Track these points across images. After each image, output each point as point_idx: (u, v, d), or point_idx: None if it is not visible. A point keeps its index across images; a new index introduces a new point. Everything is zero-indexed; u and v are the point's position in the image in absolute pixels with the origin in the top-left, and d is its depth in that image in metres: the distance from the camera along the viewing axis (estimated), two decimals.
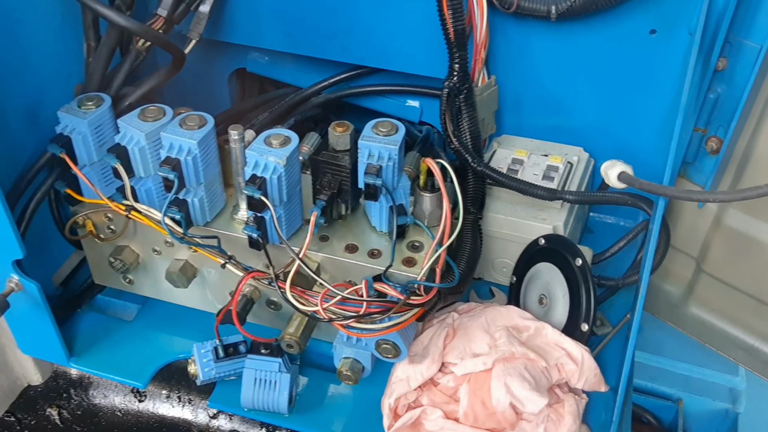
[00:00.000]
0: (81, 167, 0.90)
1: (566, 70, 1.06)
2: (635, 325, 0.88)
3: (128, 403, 1.18)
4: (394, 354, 0.88)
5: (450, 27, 0.96)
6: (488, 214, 1.02)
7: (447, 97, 0.99)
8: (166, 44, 0.91)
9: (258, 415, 0.96)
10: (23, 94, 0.93)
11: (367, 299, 0.82)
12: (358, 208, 0.96)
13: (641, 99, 1.05)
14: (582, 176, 1.08)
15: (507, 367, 0.86)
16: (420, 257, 0.89)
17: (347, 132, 0.88)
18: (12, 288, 0.91)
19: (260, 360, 0.93)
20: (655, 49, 1.00)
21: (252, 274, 0.88)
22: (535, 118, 1.12)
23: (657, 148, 1.07)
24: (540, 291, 1.00)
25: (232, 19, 1.12)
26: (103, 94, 0.91)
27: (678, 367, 1.18)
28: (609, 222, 1.22)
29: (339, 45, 1.12)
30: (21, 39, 0.91)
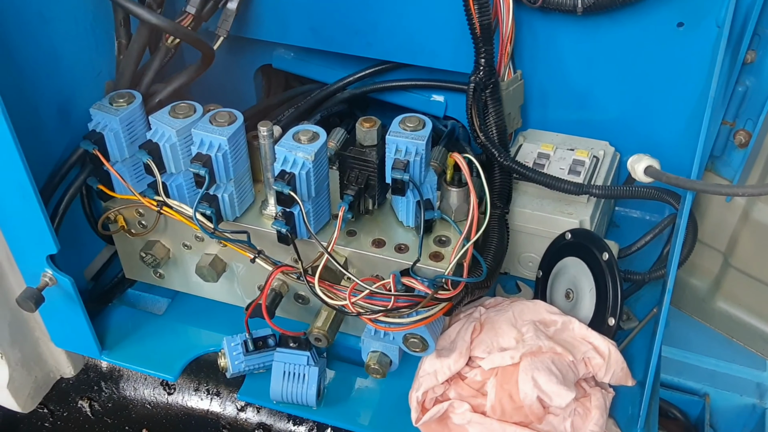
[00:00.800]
0: (113, 163, 0.92)
1: (592, 64, 1.06)
2: (663, 320, 0.88)
3: (158, 396, 1.19)
4: (422, 348, 0.88)
5: (476, 21, 0.96)
6: (514, 209, 1.02)
7: (473, 91, 0.99)
8: (196, 41, 0.92)
9: (286, 407, 0.97)
10: (56, 92, 0.95)
11: (395, 293, 0.83)
12: (385, 203, 0.97)
13: (668, 93, 1.04)
14: (608, 170, 1.07)
15: (534, 361, 0.87)
16: (447, 252, 0.90)
17: (374, 127, 0.89)
18: (46, 282, 0.93)
19: (289, 353, 0.94)
20: (682, 43, 0.99)
21: (281, 269, 0.89)
22: (560, 113, 1.12)
23: (684, 142, 1.06)
24: (567, 285, 1.00)
25: (258, 15, 1.13)
26: (134, 91, 0.93)
27: (705, 362, 1.17)
28: (634, 216, 1.22)
29: (364, 40, 1.12)
30: (53, 37, 0.93)
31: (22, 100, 0.88)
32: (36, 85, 0.91)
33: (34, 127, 0.91)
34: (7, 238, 0.92)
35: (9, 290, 1.00)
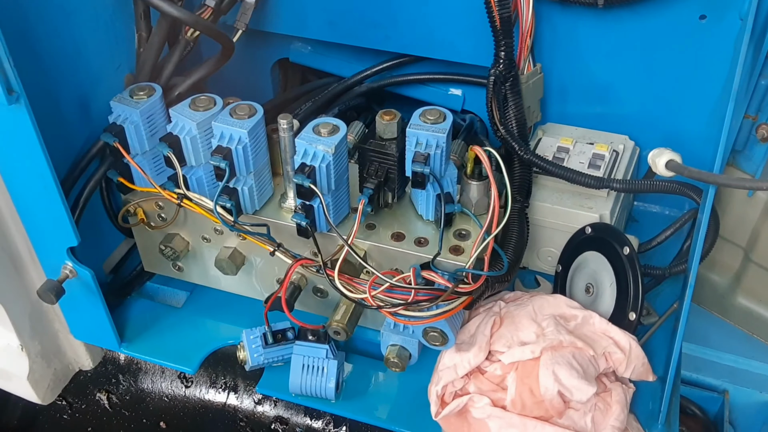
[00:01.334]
0: (133, 156, 0.92)
1: (613, 58, 1.05)
2: (684, 315, 0.87)
3: (175, 389, 1.20)
4: (442, 342, 0.88)
5: (496, 14, 0.95)
6: (534, 203, 1.02)
7: (493, 84, 0.99)
8: (216, 34, 0.92)
9: (305, 400, 0.97)
10: (76, 84, 0.95)
11: (416, 287, 0.83)
12: (404, 196, 0.97)
13: (690, 86, 1.03)
14: (628, 165, 1.07)
15: (555, 356, 0.86)
16: (467, 245, 0.89)
17: (394, 120, 0.88)
18: (66, 275, 0.93)
19: (308, 346, 0.94)
20: (704, 35, 0.98)
21: (300, 262, 0.89)
22: (580, 106, 1.11)
23: (705, 136, 1.05)
24: (587, 280, 0.99)
25: (276, 9, 1.13)
26: (155, 84, 0.93)
27: (724, 358, 1.16)
28: (654, 211, 1.21)
29: (382, 34, 1.12)
30: (74, 30, 0.93)
31: (44, 92, 0.88)
32: (57, 77, 0.91)
33: (56, 119, 0.92)
34: (28, 230, 0.93)
35: (30, 283, 1.01)
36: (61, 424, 1.24)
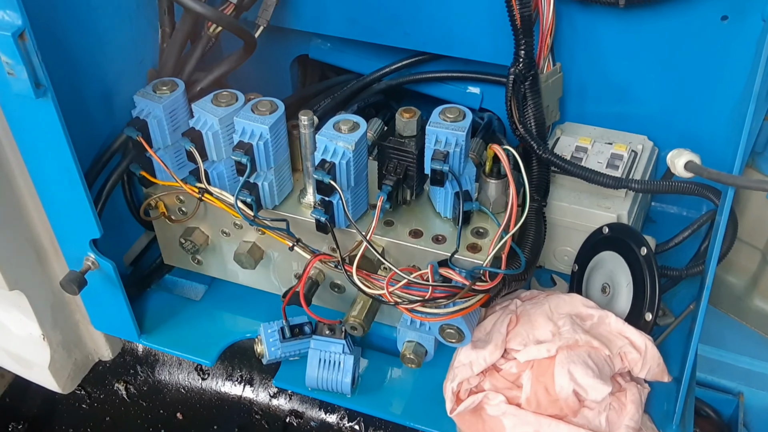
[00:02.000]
0: (155, 150, 0.93)
1: (633, 58, 1.05)
2: (700, 317, 0.87)
3: (192, 381, 1.22)
4: (458, 339, 0.89)
5: (517, 13, 0.95)
6: (552, 202, 1.02)
7: (513, 83, 0.99)
8: (239, 30, 0.93)
9: (321, 394, 0.98)
10: (100, 79, 0.96)
11: (433, 284, 0.83)
12: (423, 194, 0.97)
13: (710, 87, 1.03)
14: (646, 165, 1.07)
15: (571, 355, 0.87)
16: (484, 243, 0.90)
17: (414, 118, 0.89)
18: (89, 266, 0.95)
19: (325, 341, 0.95)
20: (726, 36, 0.98)
21: (319, 257, 0.89)
22: (599, 106, 1.11)
23: (725, 137, 1.05)
24: (603, 279, 0.99)
25: (297, 6, 1.13)
26: (177, 79, 0.94)
27: (739, 360, 1.16)
28: (671, 212, 1.21)
29: (402, 31, 1.12)
30: (99, 26, 0.94)
31: (70, 86, 0.89)
32: (82, 72, 0.92)
33: (80, 113, 0.93)
34: (52, 222, 0.94)
35: (52, 274, 1.02)
36: (79, 413, 1.27)
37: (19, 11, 0.72)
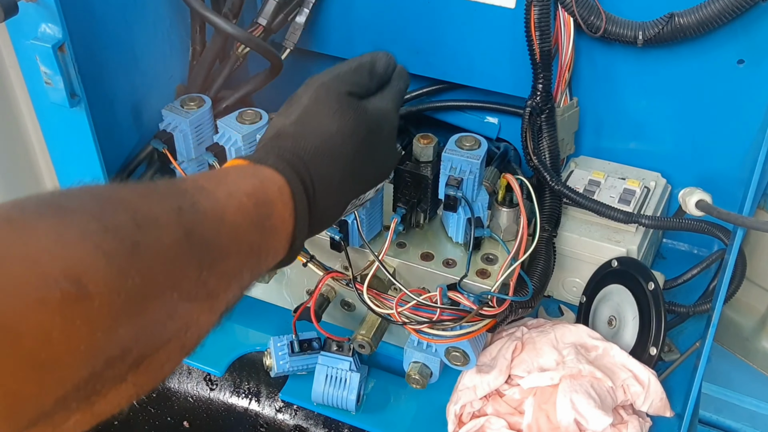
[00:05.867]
0: (180, 162, 0.96)
1: (649, 96, 1.07)
2: (705, 354, 0.88)
3: (200, 391, 1.23)
4: (463, 362, 0.90)
5: (536, 48, 0.98)
6: (562, 233, 1.04)
7: (529, 116, 1.02)
8: (267, 52, 0.97)
9: (326, 410, 1.00)
10: (131, 92, 1.00)
11: (441, 306, 0.85)
12: (435, 218, 0.99)
13: (725, 128, 1.05)
14: (658, 202, 1.08)
15: (573, 384, 0.88)
16: (493, 270, 0.92)
17: (431, 144, 0.92)
18: None
19: (333, 357, 0.97)
20: (742, 80, 1.00)
21: (331, 274, 0.92)
22: (614, 141, 1.13)
23: (738, 178, 1.06)
24: (610, 312, 1.00)
25: (324, 31, 1.17)
26: (205, 96, 0.97)
27: (745, 401, 1.16)
28: (682, 249, 1.22)
29: (424, 60, 1.15)
30: (133, 41, 0.98)
31: (102, 97, 0.93)
32: (115, 84, 0.96)
33: (110, 123, 0.97)
34: None
35: None
36: None
37: (61, 25, 0.76)
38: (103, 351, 0.39)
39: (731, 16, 0.91)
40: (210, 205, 0.50)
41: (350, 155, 0.67)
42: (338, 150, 0.66)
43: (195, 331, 0.49)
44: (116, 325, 0.40)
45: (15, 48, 0.82)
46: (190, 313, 0.47)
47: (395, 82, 0.78)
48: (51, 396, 0.37)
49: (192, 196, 0.49)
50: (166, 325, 0.44)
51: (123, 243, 0.41)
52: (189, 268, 0.46)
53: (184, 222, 0.47)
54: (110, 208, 0.43)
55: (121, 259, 0.40)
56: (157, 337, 0.44)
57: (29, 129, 0.97)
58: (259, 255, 0.56)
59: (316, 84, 0.71)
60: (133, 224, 0.43)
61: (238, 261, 0.52)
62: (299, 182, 0.60)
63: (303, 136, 0.64)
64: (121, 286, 0.40)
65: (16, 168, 0.97)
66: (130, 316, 0.41)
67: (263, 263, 0.57)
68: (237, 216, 0.52)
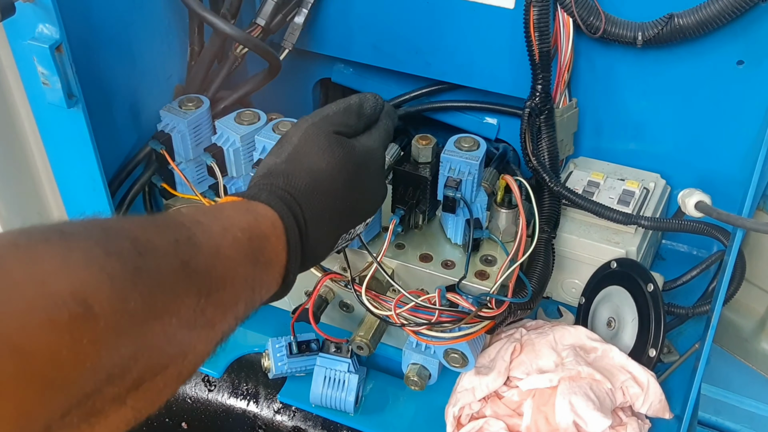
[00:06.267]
0: (178, 163, 0.96)
1: (648, 97, 1.06)
2: (704, 356, 0.88)
3: (198, 392, 1.23)
4: (462, 364, 0.90)
5: (536, 48, 0.98)
6: (561, 234, 1.03)
7: (528, 116, 1.01)
8: (266, 52, 0.96)
9: (324, 411, 0.99)
10: (128, 92, 1.00)
11: (440, 308, 0.85)
12: (434, 219, 0.99)
13: (724, 129, 1.04)
14: (657, 203, 1.08)
15: (572, 386, 0.88)
16: (492, 271, 0.91)
17: (430, 145, 0.91)
18: None
19: (331, 359, 0.97)
20: (741, 80, 1.00)
21: (330, 276, 0.91)
22: (613, 142, 1.13)
23: (737, 179, 1.06)
24: (609, 314, 1.00)
25: (323, 31, 1.17)
26: (203, 97, 0.97)
27: (745, 402, 1.16)
28: (681, 250, 1.22)
29: (423, 60, 1.15)
30: (131, 41, 0.98)
31: (99, 97, 0.93)
32: (112, 84, 0.96)
33: (107, 124, 0.96)
34: None
35: None
36: None
37: (58, 25, 0.76)
38: (105, 368, 0.41)
39: (731, 17, 0.91)
40: (206, 239, 0.52)
41: (339, 191, 0.70)
42: (328, 186, 0.69)
43: (192, 359, 0.51)
44: (119, 344, 0.41)
45: (12, 48, 0.81)
46: (189, 340, 0.49)
47: (383, 121, 0.82)
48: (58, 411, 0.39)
49: (189, 230, 0.51)
50: (165, 349, 0.46)
51: (125, 267, 0.43)
52: (187, 295, 0.48)
53: (181, 253, 0.49)
54: (113, 235, 0.45)
55: (124, 282, 0.42)
56: (156, 361, 0.46)
57: (26, 130, 0.96)
58: (253, 287, 0.57)
59: (306, 124, 0.74)
60: (134, 250, 0.45)
61: (233, 292, 0.54)
62: (291, 217, 0.63)
63: (294, 174, 0.67)
64: (124, 307, 0.42)
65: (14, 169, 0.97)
66: (132, 337, 0.43)
67: (257, 296, 0.59)
68: (232, 250, 0.54)
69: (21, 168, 0.98)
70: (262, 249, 0.58)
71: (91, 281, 0.40)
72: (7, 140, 0.95)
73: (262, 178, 0.68)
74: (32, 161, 0.94)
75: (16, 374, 0.35)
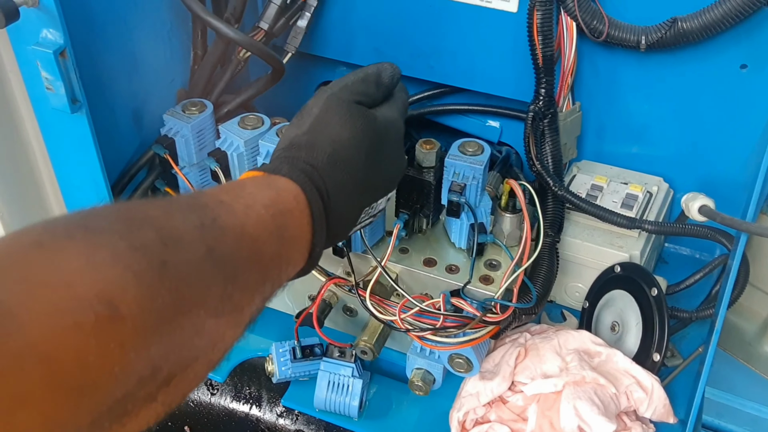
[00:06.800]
0: (181, 168, 0.96)
1: (652, 100, 1.06)
2: (708, 360, 0.88)
3: (201, 396, 1.23)
4: (467, 369, 0.90)
5: (539, 52, 0.98)
6: (565, 238, 1.03)
7: (532, 120, 1.01)
8: (269, 57, 0.96)
9: (328, 416, 0.99)
10: (131, 97, 1.00)
11: (445, 313, 0.85)
12: (438, 223, 0.99)
13: (727, 133, 1.04)
14: (661, 206, 1.08)
15: (577, 390, 0.87)
16: (496, 276, 0.91)
17: (434, 150, 0.91)
18: None
19: (335, 363, 0.96)
20: (745, 84, 1.00)
21: (334, 280, 0.91)
22: (616, 146, 1.13)
23: (741, 183, 1.05)
24: (613, 318, 1.00)
25: (325, 34, 1.17)
26: (206, 101, 0.97)
27: (747, 406, 1.16)
28: (684, 254, 1.22)
29: (426, 64, 1.15)
30: (134, 45, 0.98)
31: (103, 102, 0.92)
32: (115, 89, 0.96)
33: (110, 128, 0.96)
34: None
35: None
36: None
37: (62, 30, 0.75)
38: (135, 371, 0.40)
39: (734, 21, 0.90)
40: (230, 220, 0.51)
41: (362, 161, 0.68)
42: (351, 157, 0.67)
43: (221, 347, 0.50)
44: (147, 344, 0.40)
45: (16, 53, 0.81)
46: (217, 329, 0.48)
47: (399, 94, 0.80)
48: (86, 418, 0.38)
49: (212, 211, 0.50)
50: (194, 342, 0.45)
51: (152, 262, 0.42)
52: (214, 284, 0.47)
53: (206, 239, 0.47)
54: (137, 227, 0.43)
55: (151, 279, 0.41)
56: (186, 355, 0.45)
57: (30, 135, 0.96)
58: (279, 265, 0.56)
59: (326, 95, 0.72)
60: (159, 242, 0.43)
61: (260, 273, 0.53)
62: (314, 190, 0.61)
63: (315, 145, 0.65)
64: (151, 306, 0.41)
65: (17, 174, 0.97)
66: (160, 336, 0.41)
67: (284, 273, 0.58)
68: (257, 228, 0.53)
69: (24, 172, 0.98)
70: (286, 225, 0.57)
71: (118, 281, 0.39)
72: (10, 145, 0.95)
73: (284, 151, 0.66)
74: (35, 166, 0.93)
75: (42, 382, 0.34)
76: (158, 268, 0.42)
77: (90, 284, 0.38)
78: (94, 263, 0.39)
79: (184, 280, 0.44)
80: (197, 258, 0.46)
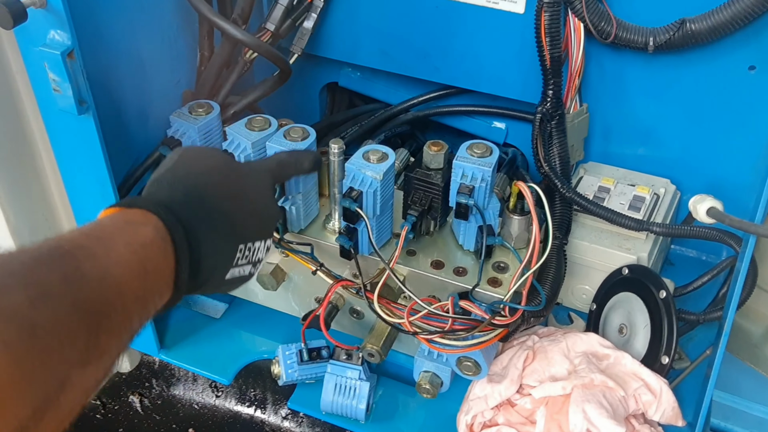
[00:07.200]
0: None
1: (659, 102, 1.06)
2: (717, 363, 0.88)
3: (206, 398, 1.23)
4: (475, 372, 0.89)
5: (547, 54, 0.98)
6: (572, 240, 1.03)
7: (539, 122, 1.01)
8: (276, 58, 0.96)
9: (334, 419, 0.99)
10: (137, 98, 0.99)
11: (453, 316, 0.84)
12: (445, 225, 0.99)
13: (736, 135, 1.04)
14: (668, 208, 1.07)
15: (585, 393, 0.87)
16: (505, 278, 0.91)
17: (442, 151, 0.91)
18: None
19: (342, 366, 0.96)
20: (753, 86, 0.99)
21: (341, 283, 0.91)
22: (623, 148, 1.12)
23: (749, 185, 1.05)
24: (621, 320, 1.00)
25: (331, 35, 1.16)
26: (213, 102, 0.96)
27: (754, 408, 1.15)
28: (691, 256, 1.21)
29: (432, 65, 1.15)
30: (140, 47, 0.97)
31: (109, 103, 0.92)
32: (121, 90, 0.95)
33: (117, 129, 0.95)
34: None
35: None
36: (93, 423, 1.28)
37: (70, 32, 0.75)
38: None
39: (743, 22, 0.90)
40: (92, 266, 0.50)
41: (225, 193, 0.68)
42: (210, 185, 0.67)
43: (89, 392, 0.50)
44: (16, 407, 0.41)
45: (23, 55, 0.80)
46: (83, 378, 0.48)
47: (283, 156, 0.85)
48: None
49: (75, 259, 0.50)
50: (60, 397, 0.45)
51: (21, 328, 0.42)
52: (80, 335, 0.47)
53: (72, 291, 0.47)
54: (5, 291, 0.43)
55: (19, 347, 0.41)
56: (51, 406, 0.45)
57: (36, 136, 0.96)
58: (145, 300, 0.56)
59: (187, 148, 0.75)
60: (28, 304, 0.43)
61: (125, 314, 0.52)
62: (172, 216, 0.60)
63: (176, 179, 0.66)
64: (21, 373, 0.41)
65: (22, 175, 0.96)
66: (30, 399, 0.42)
67: (151, 306, 0.57)
68: (119, 268, 0.52)
69: (30, 174, 0.98)
70: (148, 257, 0.56)
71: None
72: (16, 146, 0.95)
73: (147, 188, 0.67)
74: (41, 167, 0.93)
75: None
76: (28, 333, 0.42)
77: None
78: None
79: (54, 338, 0.44)
80: (64, 313, 0.46)
